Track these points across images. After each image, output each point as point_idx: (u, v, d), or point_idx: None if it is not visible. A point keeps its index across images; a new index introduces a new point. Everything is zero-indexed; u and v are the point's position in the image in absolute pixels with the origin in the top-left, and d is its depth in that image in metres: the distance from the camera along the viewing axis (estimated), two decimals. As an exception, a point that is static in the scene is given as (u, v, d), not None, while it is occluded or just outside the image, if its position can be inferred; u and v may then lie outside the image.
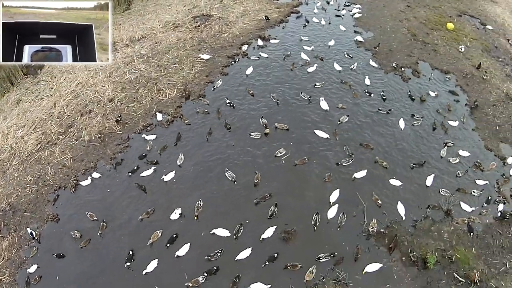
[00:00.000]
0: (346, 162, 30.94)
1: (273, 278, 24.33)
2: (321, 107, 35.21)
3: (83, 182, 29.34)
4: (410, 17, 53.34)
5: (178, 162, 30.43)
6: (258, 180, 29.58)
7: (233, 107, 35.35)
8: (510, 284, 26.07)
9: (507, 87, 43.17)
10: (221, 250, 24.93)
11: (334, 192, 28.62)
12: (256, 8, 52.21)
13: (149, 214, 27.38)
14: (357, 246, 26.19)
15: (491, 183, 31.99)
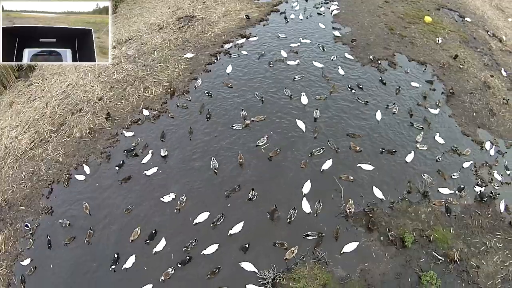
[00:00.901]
0: (317, 152, 32.38)
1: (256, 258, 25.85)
2: (302, 102, 36.67)
3: (77, 176, 30.68)
4: (388, 12, 54.61)
5: (162, 153, 31.85)
6: (242, 160, 31.30)
7: (211, 96, 37.37)
8: (492, 263, 27.31)
9: (484, 75, 44.68)
10: (195, 240, 26.36)
11: (306, 184, 29.91)
12: (238, 8, 53.51)
13: (131, 208, 28.82)
14: (337, 227, 27.57)
15: (469, 167, 33.41)
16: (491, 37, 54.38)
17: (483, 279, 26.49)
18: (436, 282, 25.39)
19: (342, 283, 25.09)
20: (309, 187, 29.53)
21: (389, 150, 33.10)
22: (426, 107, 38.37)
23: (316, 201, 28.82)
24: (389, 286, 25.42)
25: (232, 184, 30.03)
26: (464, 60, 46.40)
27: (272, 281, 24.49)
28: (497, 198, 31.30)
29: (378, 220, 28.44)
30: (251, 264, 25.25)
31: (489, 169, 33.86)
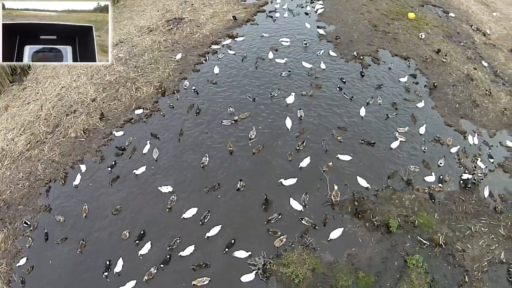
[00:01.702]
0: (301, 146, 33.39)
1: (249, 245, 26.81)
2: (287, 101, 37.61)
3: (74, 182, 31.31)
4: (372, 9, 55.62)
5: (154, 155, 32.72)
6: (232, 148, 32.73)
7: (197, 93, 38.60)
8: (477, 247, 28.28)
9: (467, 68, 45.77)
10: (179, 237, 27.19)
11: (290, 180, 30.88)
12: (225, 9, 54.46)
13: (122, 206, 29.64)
14: (325, 214, 28.71)
15: (452, 155, 34.57)
16: (475, 31, 55.31)
17: (469, 262, 27.34)
18: (422, 265, 26.25)
19: (330, 268, 25.94)
20: (294, 181, 30.53)
21: (369, 141, 34.22)
22: (411, 101, 39.49)
23: (303, 193, 29.79)
24: (376, 269, 26.25)
25: (223, 179, 30.98)
26: (446, 54, 47.44)
27: (262, 267, 25.38)
28: (480, 183, 32.28)
29: (364, 208, 29.38)
30: (243, 251, 26.26)
31: (473, 157, 34.80)
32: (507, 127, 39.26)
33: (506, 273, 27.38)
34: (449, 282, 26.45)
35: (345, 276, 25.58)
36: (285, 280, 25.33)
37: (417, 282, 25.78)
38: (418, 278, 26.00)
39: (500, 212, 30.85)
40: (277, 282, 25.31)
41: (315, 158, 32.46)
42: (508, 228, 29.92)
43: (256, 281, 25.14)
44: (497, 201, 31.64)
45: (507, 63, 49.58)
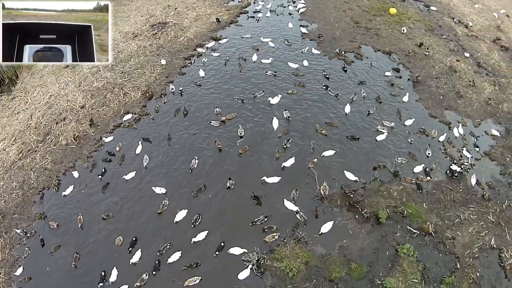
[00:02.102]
0: (287, 143, 33.94)
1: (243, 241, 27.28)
2: (271, 102, 38.09)
3: (65, 192, 31.37)
4: (354, 6, 56.36)
5: (144, 163, 32.83)
6: (220, 145, 33.40)
7: (181, 94, 39.34)
8: (467, 234, 28.86)
9: (450, 60, 46.55)
10: (170, 243, 27.38)
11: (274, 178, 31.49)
12: (208, 12, 54.88)
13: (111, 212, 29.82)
14: (316, 206, 29.36)
15: (437, 146, 35.27)
16: (457, 23, 56.01)
17: (460, 249, 27.84)
18: (413, 254, 26.78)
19: (322, 260, 26.44)
20: (278, 179, 31.07)
21: (353, 136, 34.87)
22: (396, 95, 40.28)
23: (292, 190, 30.30)
24: (368, 260, 26.76)
25: (213, 179, 31.49)
26: (429, 47, 48.21)
27: (257, 262, 25.88)
28: (468, 172, 33.04)
29: (357, 199, 30.00)
30: (238, 247, 26.71)
31: (459, 148, 35.47)
32: (491, 116, 39.93)
33: (498, 258, 27.89)
34: (441, 269, 26.87)
35: (338, 268, 26.03)
36: (279, 274, 25.73)
37: (409, 271, 26.25)
38: (410, 267, 26.45)
39: (488, 199, 31.36)
40: (271, 276, 25.71)
41: (302, 155, 33.16)
42: (497, 214, 30.44)
43: (251, 277, 25.55)
44: (484, 189, 32.19)
45: (490, 54, 50.29)
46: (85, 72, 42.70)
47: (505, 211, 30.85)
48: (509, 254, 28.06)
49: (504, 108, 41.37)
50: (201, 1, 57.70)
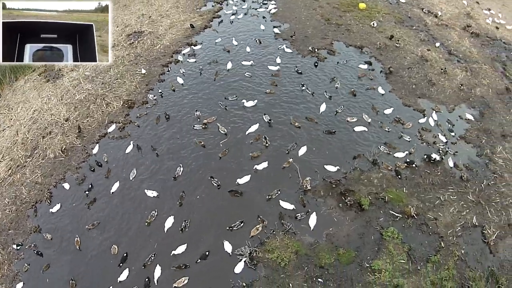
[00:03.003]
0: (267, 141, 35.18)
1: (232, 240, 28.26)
2: (246, 105, 39.14)
3: (52, 209, 31.60)
4: (323, 4, 57.47)
5: (131, 175, 33.36)
6: (202, 143, 34.65)
7: (161, 96, 40.68)
8: (448, 214, 30.09)
9: (421, 50, 47.85)
10: (154, 254, 27.82)
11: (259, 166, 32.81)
12: (182, 18, 55.71)
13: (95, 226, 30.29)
14: (301, 197, 30.68)
15: (413, 133, 36.61)
16: (426, 14, 57.12)
17: (443, 229, 29.04)
18: (398, 236, 27.97)
19: (311, 248, 27.53)
20: (248, 178, 32.11)
21: (329, 130, 36.10)
22: (374, 88, 41.70)
23: (275, 189, 31.35)
24: (355, 245, 27.90)
25: (199, 182, 32.39)
26: (399, 39, 49.55)
27: (249, 255, 26.92)
28: (445, 157, 34.33)
29: (335, 190, 31.31)
30: (229, 244, 27.73)
31: (434, 133, 36.85)
32: (465, 101, 41.27)
33: (481, 235, 29.14)
34: (426, 249, 27.98)
35: (327, 255, 27.13)
36: (272, 265, 26.71)
37: (396, 252, 27.38)
38: (396, 249, 27.58)
39: (467, 180, 32.57)
40: (264, 268, 26.66)
41: (280, 155, 34.29)
42: (477, 194, 31.68)
43: (245, 270, 26.52)
44: (462, 170, 33.42)
45: (461, 41, 51.51)
46: (67, 85, 43.23)
47: (484, 190, 32.10)
48: (492, 230, 29.25)
49: (477, 93, 42.65)
50: (174, 9, 58.42)
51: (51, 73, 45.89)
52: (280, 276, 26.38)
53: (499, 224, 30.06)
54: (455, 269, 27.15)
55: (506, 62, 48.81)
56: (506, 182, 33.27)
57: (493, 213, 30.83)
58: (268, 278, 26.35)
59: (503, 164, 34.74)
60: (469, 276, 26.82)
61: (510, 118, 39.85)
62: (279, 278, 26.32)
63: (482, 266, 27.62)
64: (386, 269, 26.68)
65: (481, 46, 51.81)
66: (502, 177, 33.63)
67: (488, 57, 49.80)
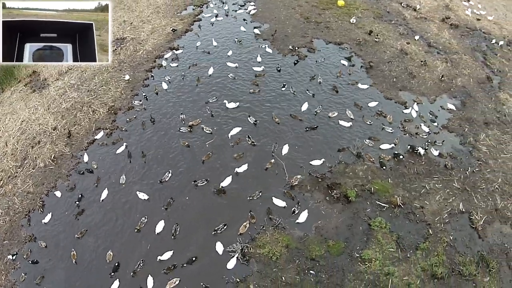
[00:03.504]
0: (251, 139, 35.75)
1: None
2: (228, 106, 39.69)
3: (44, 219, 31.57)
4: (302, 3, 58.48)
5: (121, 180, 33.57)
6: (185, 144, 35.07)
7: (146, 99, 41.34)
8: (434, 202, 30.85)
9: (401, 44, 48.86)
10: (143, 260, 27.96)
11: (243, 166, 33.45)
12: (163, 23, 56.21)
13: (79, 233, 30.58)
14: (288, 191, 31.37)
15: (396, 125, 37.35)
16: (405, 7, 58.34)
17: (430, 217, 29.77)
18: (386, 226, 28.67)
19: (301, 242, 28.15)
20: (230, 180, 32.44)
21: (312, 126, 36.77)
22: (356, 83, 42.46)
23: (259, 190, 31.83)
24: (344, 236, 28.54)
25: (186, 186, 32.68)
26: (378, 33, 50.51)
27: (241, 252, 27.40)
28: (429, 147, 35.07)
29: (321, 184, 31.95)
30: (221, 244, 28.13)
31: (416, 124, 37.64)
32: (446, 91, 42.26)
33: (468, 221, 29.86)
34: (414, 236, 28.69)
35: (317, 247, 27.70)
36: (264, 260, 27.23)
37: (384, 241, 28.04)
38: (385, 238, 28.22)
39: (451, 168, 33.34)
40: (257, 263, 27.18)
41: (265, 155, 34.83)
42: (462, 181, 32.46)
43: (238, 266, 26.98)
44: (447, 159, 34.13)
45: (440, 33, 52.57)
46: (53, 94, 43.42)
47: (470, 177, 32.88)
48: (479, 216, 29.96)
49: (458, 83, 43.61)
50: (155, 14, 58.86)
51: (37, 83, 46.21)
52: (273, 270, 26.87)
53: (486, 210, 30.73)
54: (445, 255, 27.77)
55: (486, 52, 49.86)
56: (491, 168, 34.02)
57: (480, 199, 31.51)
58: (261, 272, 26.81)
59: (487, 151, 35.51)
60: (459, 261, 27.45)
61: (492, 106, 40.73)
62: (272, 272, 26.81)
63: (472, 251, 28.26)
64: (376, 258, 27.27)
65: (460, 37, 52.77)
66: (486, 163, 34.39)
67: (468, 47, 50.78)
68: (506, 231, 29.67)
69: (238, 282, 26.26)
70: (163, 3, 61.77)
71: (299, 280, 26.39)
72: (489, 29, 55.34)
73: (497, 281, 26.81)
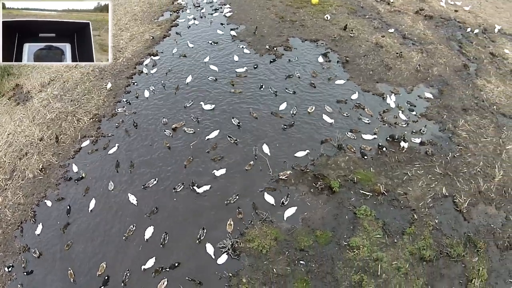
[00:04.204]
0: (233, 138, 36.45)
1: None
2: (204, 108, 40.53)
3: (36, 231, 31.69)
4: (276, 3, 59.53)
5: (109, 187, 33.95)
6: (167, 144, 35.81)
7: (129, 103, 42.11)
8: (417, 187, 31.76)
9: (376, 37, 49.85)
10: (128, 270, 27.98)
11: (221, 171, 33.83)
12: (141, 30, 56.89)
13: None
14: (271, 186, 32.14)
15: (375, 116, 38.34)
16: (379, 2, 59.59)
17: (414, 202, 30.72)
18: (371, 213, 29.54)
19: (290, 233, 28.96)
20: (208, 187, 32.80)
21: (290, 124, 37.63)
22: (332, 78, 43.46)
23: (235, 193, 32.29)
24: (331, 226, 29.39)
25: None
26: (353, 29, 51.41)
27: (231, 247, 28.03)
28: (404, 137, 35.72)
29: (305, 177, 32.76)
30: (211, 246, 28.62)
31: (394, 114, 38.63)
32: (422, 81, 43.36)
33: (453, 204, 30.78)
34: (399, 222, 29.60)
35: (305, 238, 28.52)
36: (254, 254, 27.95)
37: (371, 228, 28.88)
38: (371, 225, 29.07)
39: (432, 154, 34.31)
40: (247, 256, 27.88)
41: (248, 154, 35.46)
42: (443, 166, 33.42)
43: (229, 261, 27.67)
44: (427, 146, 35.03)
45: (414, 25, 53.63)
46: (37, 106, 43.70)
47: (451, 162, 33.82)
48: (463, 199, 30.84)
49: (434, 72, 44.67)
50: (133, 21, 59.44)
51: (21, 96, 46.44)
52: (263, 263, 27.56)
53: (469, 192, 31.63)
54: (432, 238, 28.62)
55: (461, 41, 50.85)
56: (471, 152, 34.95)
57: (462, 182, 32.39)
58: (252, 266, 27.47)
59: (467, 136, 36.45)
60: (446, 243, 28.29)
61: (469, 93, 41.70)
62: (263, 265, 27.48)
63: (458, 233, 29.14)
64: (364, 245, 28.03)
65: (435, 28, 53.87)
66: (467, 148, 35.32)
67: (443, 37, 51.88)
68: (491, 212, 30.54)
69: (230, 276, 26.89)
70: (140, 10, 62.54)
71: (290, 271, 27.07)
72: (464, 18, 56.43)
73: (486, 260, 27.59)
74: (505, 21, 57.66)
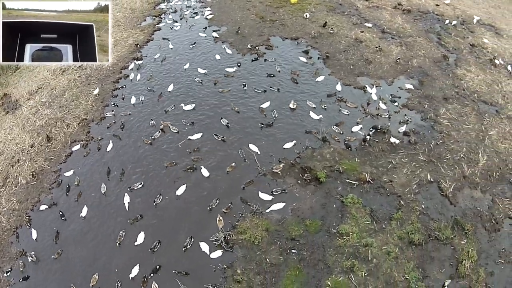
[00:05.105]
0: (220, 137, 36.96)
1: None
2: (184, 108, 41.14)
3: (33, 235, 32.09)
4: (256, 3, 59.94)
5: (102, 190, 34.35)
6: (149, 141, 36.66)
7: (117, 106, 42.73)
8: (402, 175, 32.76)
9: (355, 33, 50.69)
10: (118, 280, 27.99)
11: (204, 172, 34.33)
12: (124, 35, 57.19)
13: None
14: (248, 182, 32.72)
15: (357, 108, 39.24)
16: (357, -2, 59.20)
17: (399, 189, 31.70)
18: (358, 201, 30.47)
19: (280, 224, 29.81)
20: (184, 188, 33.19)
21: (268, 123, 38.11)
22: (315, 74, 44.19)
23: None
24: (320, 215, 30.31)
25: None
26: (332, 25, 52.16)
27: (224, 239, 28.78)
28: (388, 128, 36.79)
29: (292, 169, 33.65)
30: (206, 244, 29.21)
31: (376, 106, 39.62)
32: (403, 73, 44.36)
33: (438, 190, 31.83)
34: (386, 208, 30.59)
35: (295, 227, 29.39)
36: (246, 245, 28.76)
37: (359, 215, 29.83)
38: (359, 212, 30.00)
39: (415, 142, 35.25)
40: (240, 248, 28.68)
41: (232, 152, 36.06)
42: (427, 153, 34.42)
43: (223, 253, 28.51)
44: (410, 135, 35.98)
45: (393, 19, 54.60)
46: (26, 113, 44.22)
47: (434, 149, 34.81)
48: (448, 184, 31.93)
49: (414, 64, 45.68)
50: (116, 27, 59.46)
51: (9, 105, 46.87)
52: (256, 253, 28.41)
53: (454, 178, 32.70)
54: (419, 223, 29.64)
55: (440, 32, 51.96)
56: (454, 139, 36.01)
57: (446, 168, 33.45)
58: (245, 257, 28.27)
59: (449, 124, 37.47)
60: (434, 227, 29.34)
61: (450, 82, 42.78)
62: (256, 255, 28.32)
63: (445, 216, 30.21)
64: (353, 232, 28.94)
65: (413, 21, 54.82)
66: (449, 135, 36.36)
67: (421, 30, 52.85)
68: (477, 196, 31.69)
69: (225, 268, 27.67)
70: (122, 16, 62.76)
71: (282, 260, 27.93)
72: (442, 11, 57.48)
73: (475, 242, 28.68)
74: (484, 11, 58.98)
